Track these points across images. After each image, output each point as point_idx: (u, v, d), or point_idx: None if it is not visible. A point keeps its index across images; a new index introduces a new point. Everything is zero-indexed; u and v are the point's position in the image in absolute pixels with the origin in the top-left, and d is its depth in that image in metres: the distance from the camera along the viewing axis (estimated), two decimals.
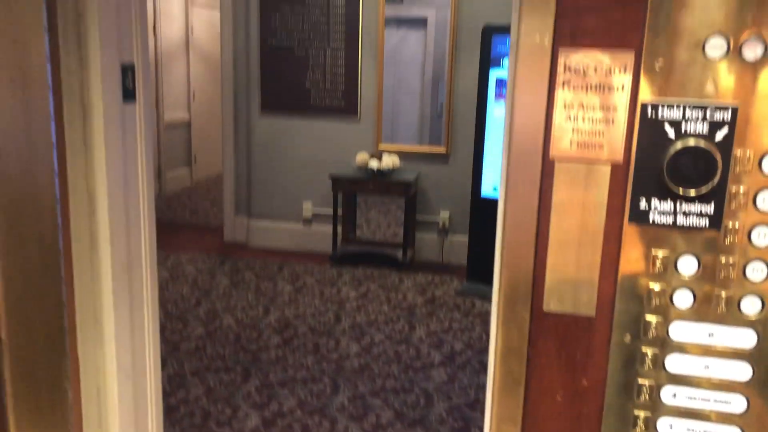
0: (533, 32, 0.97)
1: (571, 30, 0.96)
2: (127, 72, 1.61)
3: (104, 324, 1.65)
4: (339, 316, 4.43)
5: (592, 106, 0.97)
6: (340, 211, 5.49)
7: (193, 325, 4.18)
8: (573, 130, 0.99)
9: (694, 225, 0.97)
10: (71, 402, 1.43)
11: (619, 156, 0.98)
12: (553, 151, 1.00)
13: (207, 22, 8.48)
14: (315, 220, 5.83)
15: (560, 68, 0.97)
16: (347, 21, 5.48)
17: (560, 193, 1.01)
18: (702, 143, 0.94)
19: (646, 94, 0.95)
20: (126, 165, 1.64)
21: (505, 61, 4.57)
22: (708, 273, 0.98)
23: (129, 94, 1.62)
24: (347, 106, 5.63)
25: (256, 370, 3.61)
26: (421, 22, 7.54)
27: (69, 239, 1.55)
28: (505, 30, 4.47)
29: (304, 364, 3.72)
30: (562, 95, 0.98)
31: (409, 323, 4.35)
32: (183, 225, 6.87)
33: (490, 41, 4.59)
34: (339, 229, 5.53)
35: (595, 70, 0.96)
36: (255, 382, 3.48)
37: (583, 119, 0.98)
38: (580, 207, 1.00)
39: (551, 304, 1.05)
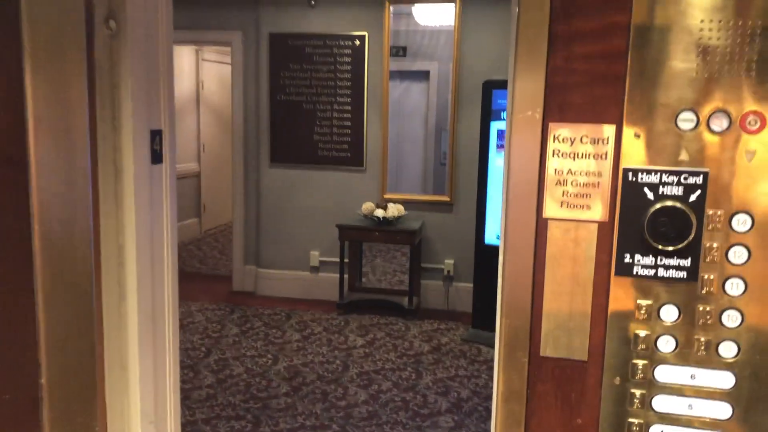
0: (526, 107, 1.10)
1: (559, 105, 1.09)
2: (155, 136, 1.75)
3: (129, 371, 1.75)
4: (347, 364, 4.49)
5: (579, 171, 1.10)
6: (346, 260, 5.60)
7: (204, 374, 4.25)
8: (563, 192, 1.11)
9: (674, 277, 1.08)
10: None
11: (605, 215, 1.10)
12: (546, 212, 1.12)
13: (217, 76, 8.74)
14: (322, 269, 5.94)
15: (550, 139, 1.10)
16: (353, 76, 5.68)
17: (553, 249, 1.12)
18: (677, 204, 1.06)
19: (627, 161, 1.08)
20: (153, 222, 1.76)
21: (505, 115, 4.74)
22: (688, 320, 1.09)
23: (156, 157, 1.76)
24: (353, 157, 5.79)
25: (267, 418, 3.67)
26: (423, 75, 7.79)
27: (100, 291, 1.66)
28: (504, 85, 4.65)
29: (313, 411, 3.78)
30: (552, 162, 1.10)
31: (415, 371, 4.41)
32: (192, 274, 6.97)
33: (491, 95, 4.76)
34: (345, 277, 5.63)
35: (582, 140, 1.09)
36: (265, 430, 3.54)
37: (572, 183, 1.10)
38: (571, 261, 1.12)
39: (547, 349, 1.15)
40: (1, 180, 1.21)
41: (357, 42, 5.62)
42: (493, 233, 4.87)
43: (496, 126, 4.79)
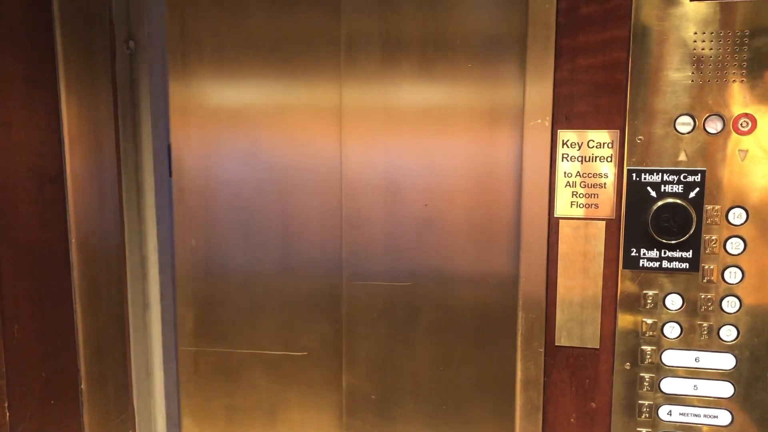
0: (536, 116, 1.18)
1: (566, 113, 1.18)
2: (171, 151, 1.82)
3: (155, 377, 1.82)
4: None
5: (587, 174, 1.19)
6: None
7: None
8: (572, 193, 1.20)
9: (677, 268, 1.17)
10: None
11: (612, 213, 1.19)
12: (557, 212, 1.21)
13: None
14: None
15: (559, 144, 1.19)
16: None
17: (565, 246, 1.21)
18: (678, 201, 1.15)
19: (631, 163, 1.17)
20: (172, 233, 1.83)
21: None
22: (691, 308, 1.18)
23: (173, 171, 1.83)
24: None
25: None
26: None
27: (126, 300, 1.73)
28: None
29: None
30: (561, 166, 1.19)
31: None
32: None
33: None
34: None
35: (588, 145, 1.18)
36: None
37: (580, 184, 1.19)
38: (581, 256, 1.21)
39: (562, 339, 1.24)
40: (45, 198, 1.29)
41: None
42: None
43: None
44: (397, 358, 1.46)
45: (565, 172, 1.20)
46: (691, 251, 1.17)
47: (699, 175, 1.15)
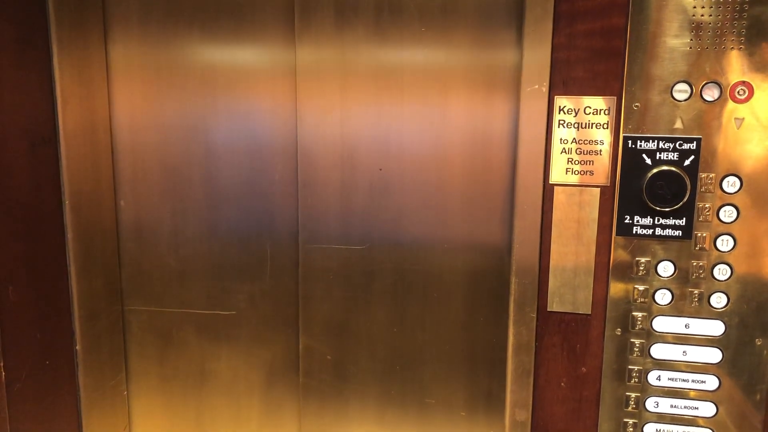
0: (533, 81, 1.18)
1: (564, 79, 1.17)
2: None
3: None
4: None
5: (582, 140, 1.19)
6: None
7: None
8: (568, 160, 1.20)
9: (670, 235, 1.18)
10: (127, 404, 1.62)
11: (607, 180, 1.19)
12: (552, 178, 1.21)
13: None
14: None
15: (556, 110, 1.18)
16: None
17: (559, 212, 1.22)
18: (673, 168, 1.15)
19: (627, 130, 1.17)
20: None
21: None
22: (682, 275, 1.19)
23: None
24: None
25: None
26: None
27: (119, 262, 1.73)
28: None
29: None
30: (558, 132, 1.19)
31: None
32: None
33: None
34: None
35: (585, 111, 1.18)
36: None
37: (576, 151, 1.19)
38: (575, 223, 1.21)
39: (554, 304, 1.25)
40: (38, 159, 1.28)
41: None
42: None
43: None
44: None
45: (561, 139, 1.20)
46: (684, 219, 1.17)
47: (694, 142, 1.15)
